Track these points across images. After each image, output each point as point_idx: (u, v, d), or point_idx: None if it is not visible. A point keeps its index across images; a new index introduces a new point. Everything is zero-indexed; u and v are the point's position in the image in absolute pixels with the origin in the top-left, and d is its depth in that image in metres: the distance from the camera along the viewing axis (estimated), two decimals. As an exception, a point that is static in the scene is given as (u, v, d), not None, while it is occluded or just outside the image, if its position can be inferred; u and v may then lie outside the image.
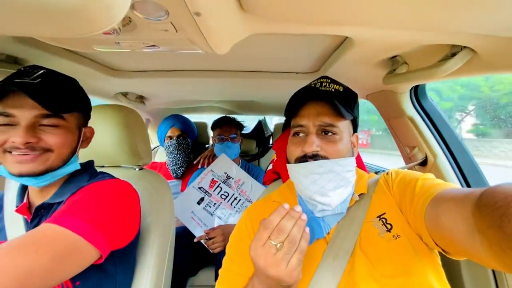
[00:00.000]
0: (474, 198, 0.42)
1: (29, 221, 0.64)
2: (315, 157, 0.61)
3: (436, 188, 0.54)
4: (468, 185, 0.85)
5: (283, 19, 0.46)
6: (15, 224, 0.65)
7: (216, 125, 1.61)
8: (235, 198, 1.31)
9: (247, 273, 0.64)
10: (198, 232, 1.25)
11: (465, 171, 0.84)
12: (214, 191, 1.33)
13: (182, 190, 1.55)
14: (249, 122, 2.26)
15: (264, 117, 2.21)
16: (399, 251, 0.55)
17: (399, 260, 0.55)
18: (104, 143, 0.87)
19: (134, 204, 0.68)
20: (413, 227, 0.57)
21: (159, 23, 0.35)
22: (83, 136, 0.69)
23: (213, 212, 1.28)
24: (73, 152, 0.66)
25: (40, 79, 0.58)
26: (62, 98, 0.61)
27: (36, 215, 0.64)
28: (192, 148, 1.68)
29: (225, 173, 1.37)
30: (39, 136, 0.58)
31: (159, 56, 0.90)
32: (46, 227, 0.52)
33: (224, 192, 1.32)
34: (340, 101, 0.62)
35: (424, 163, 0.94)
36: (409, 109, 0.93)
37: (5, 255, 0.45)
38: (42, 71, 0.61)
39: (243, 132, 2.02)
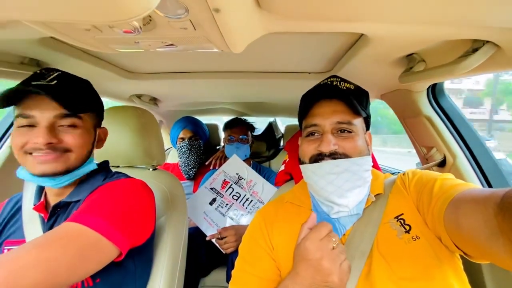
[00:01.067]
0: (496, 199, 0.40)
1: (46, 219, 0.66)
2: (333, 155, 0.60)
3: (456, 189, 0.52)
4: (490, 187, 0.82)
5: (299, 16, 0.46)
6: (32, 222, 0.67)
7: (227, 126, 1.63)
8: (247, 199, 1.31)
9: (261, 274, 0.64)
10: (210, 232, 1.25)
11: (487, 173, 0.81)
12: (226, 191, 1.34)
13: (194, 191, 1.57)
14: (259, 124, 2.26)
15: (275, 119, 2.21)
16: (419, 253, 0.54)
17: (419, 262, 0.53)
18: (119, 144, 0.89)
19: (150, 202, 0.69)
20: (431, 228, 0.55)
21: (179, 21, 0.36)
22: (97, 137, 0.72)
23: (225, 213, 1.29)
24: (90, 152, 0.69)
25: (56, 81, 0.61)
26: (78, 99, 0.63)
27: (53, 214, 0.66)
28: (204, 150, 1.70)
29: (237, 173, 1.38)
30: (59, 136, 0.60)
31: (173, 58, 0.92)
32: (69, 226, 0.53)
33: (236, 192, 1.33)
34: (353, 98, 0.61)
35: (442, 164, 0.91)
36: (427, 108, 0.90)
37: (32, 249, 0.47)
38: (57, 73, 0.63)
39: (253, 133, 2.03)
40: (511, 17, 0.42)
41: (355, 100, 0.62)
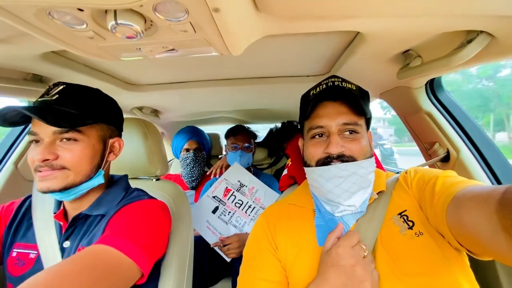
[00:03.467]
0: (497, 195, 0.40)
1: (63, 228, 0.67)
2: (340, 157, 0.60)
3: (458, 186, 0.52)
4: (497, 179, 0.81)
5: (295, 17, 0.47)
6: (46, 229, 0.67)
7: (230, 133, 1.62)
8: (250, 206, 1.30)
9: (267, 277, 0.63)
10: (213, 241, 1.24)
11: (493, 166, 0.80)
12: (228, 199, 1.33)
13: (195, 201, 1.56)
14: (263, 132, 2.27)
15: (276, 125, 2.22)
16: (422, 248, 0.54)
17: (423, 258, 0.53)
18: (123, 156, 0.89)
19: (169, 224, 0.72)
20: (433, 226, 0.55)
21: (179, 24, 0.37)
22: (109, 148, 0.69)
23: (228, 221, 1.28)
24: (98, 166, 0.66)
25: (57, 96, 0.61)
26: (79, 112, 0.61)
27: (72, 224, 0.66)
28: (207, 160, 1.69)
29: (239, 181, 1.37)
30: (56, 152, 0.59)
31: (173, 68, 0.94)
32: (104, 250, 0.54)
33: (239, 200, 1.32)
34: (357, 98, 0.61)
35: (446, 159, 0.91)
36: (426, 104, 0.91)
37: (71, 270, 0.48)
38: (62, 86, 0.63)
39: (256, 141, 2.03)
40: (503, 5, 0.43)
41: (359, 99, 0.62)
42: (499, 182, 0.81)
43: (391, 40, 0.64)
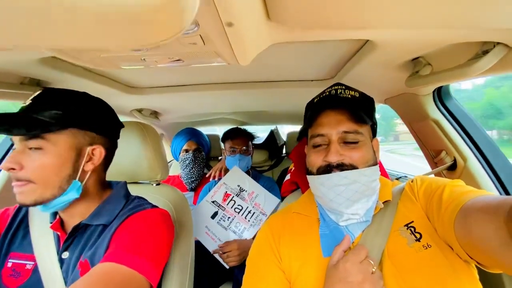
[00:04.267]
0: (507, 206, 0.39)
1: (61, 238, 0.64)
2: (340, 166, 0.59)
3: (466, 196, 0.51)
4: (505, 189, 0.80)
5: (306, 26, 0.45)
6: (43, 238, 0.65)
7: (227, 137, 1.58)
8: (249, 211, 1.27)
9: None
10: (212, 247, 1.22)
11: (501, 175, 0.79)
12: (227, 204, 1.30)
13: (194, 203, 1.54)
14: (260, 133, 2.25)
15: (276, 126, 2.20)
16: (431, 261, 0.52)
17: (431, 271, 0.52)
18: (122, 160, 0.87)
19: (173, 232, 0.71)
20: (441, 237, 0.54)
21: (188, 37, 0.34)
22: (87, 156, 0.62)
23: (228, 226, 1.25)
24: (70, 177, 0.60)
25: (30, 101, 0.58)
26: (48, 118, 0.56)
27: (71, 235, 0.64)
28: (206, 162, 1.68)
29: (238, 185, 1.35)
30: (22, 162, 0.55)
31: (174, 71, 0.91)
32: (115, 269, 0.54)
33: (238, 205, 1.29)
34: (358, 106, 0.61)
35: (453, 167, 0.90)
36: (434, 111, 0.89)
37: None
38: (39, 92, 0.60)
39: (255, 142, 2.01)
40: None
41: (361, 107, 0.61)
42: (506, 191, 0.80)
43: (401, 48, 0.63)
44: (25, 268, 0.63)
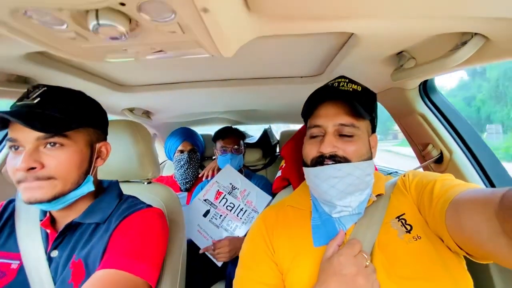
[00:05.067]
0: (496, 198, 0.41)
1: (50, 236, 0.64)
2: (333, 157, 0.60)
3: (456, 189, 0.52)
4: (490, 181, 0.81)
5: (288, 17, 0.46)
6: (29, 237, 0.64)
7: (218, 136, 1.58)
8: (241, 209, 1.28)
9: (263, 280, 0.62)
10: (204, 245, 1.22)
11: (485, 167, 0.81)
12: (219, 202, 1.30)
13: (187, 203, 1.53)
14: (254, 132, 2.25)
15: (270, 125, 2.21)
16: (420, 252, 0.54)
17: (420, 261, 0.53)
18: (113, 159, 0.87)
19: (167, 231, 0.72)
20: (432, 229, 0.55)
21: (166, 25, 0.35)
22: (97, 153, 0.66)
23: (219, 224, 1.25)
24: (86, 172, 0.63)
25: (39, 99, 0.57)
26: (63, 115, 0.58)
27: (62, 233, 0.63)
28: (200, 162, 1.67)
29: (230, 183, 1.35)
30: (41, 161, 0.55)
31: (164, 68, 0.91)
32: (119, 276, 0.54)
33: (230, 203, 1.30)
34: (358, 100, 0.61)
35: (439, 160, 0.91)
36: (420, 105, 0.91)
37: None
38: (43, 89, 0.59)
39: (249, 141, 2.01)
40: (498, 7, 0.43)
41: (361, 102, 0.61)
42: (491, 183, 0.81)
43: (385, 41, 0.64)
44: (10, 267, 0.61)
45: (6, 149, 1.05)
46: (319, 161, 0.61)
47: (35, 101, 0.56)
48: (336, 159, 0.60)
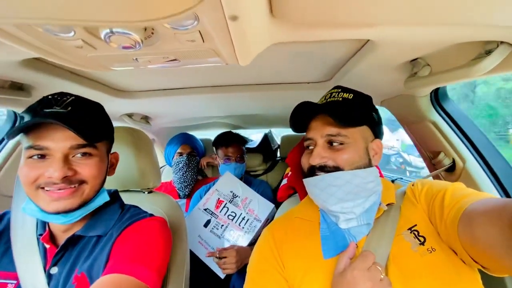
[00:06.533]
0: (510, 209, 0.39)
1: (49, 252, 0.61)
2: (322, 168, 0.60)
3: (468, 199, 0.51)
4: (504, 190, 0.80)
5: (311, 23, 0.43)
6: (27, 253, 0.60)
7: (220, 143, 1.51)
8: (243, 218, 1.23)
9: None
10: (205, 257, 1.17)
11: (500, 176, 0.79)
12: (220, 211, 1.25)
13: (186, 210, 1.49)
14: (248, 135, 2.21)
15: (270, 130, 2.18)
16: (435, 265, 0.52)
17: (436, 275, 0.51)
18: None
19: (171, 240, 0.71)
20: (445, 240, 0.53)
21: (186, 33, 0.31)
22: (109, 163, 0.67)
23: (221, 235, 1.20)
24: (102, 183, 0.64)
25: (70, 108, 0.56)
26: (94, 126, 0.59)
27: (64, 247, 0.60)
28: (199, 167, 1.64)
29: (231, 191, 1.30)
30: (74, 168, 0.56)
31: (165, 74, 0.88)
32: (123, 280, 0.54)
33: (232, 212, 1.24)
34: (346, 109, 0.62)
35: (451, 168, 0.89)
36: (431, 113, 0.89)
37: None
38: (71, 98, 0.59)
39: (249, 146, 1.98)
40: None
41: (350, 109, 0.62)
42: (506, 192, 0.80)
43: (401, 48, 0.62)
44: None
45: (5, 152, 0.99)
46: (311, 172, 0.62)
47: (67, 109, 0.55)
48: (325, 169, 0.60)
